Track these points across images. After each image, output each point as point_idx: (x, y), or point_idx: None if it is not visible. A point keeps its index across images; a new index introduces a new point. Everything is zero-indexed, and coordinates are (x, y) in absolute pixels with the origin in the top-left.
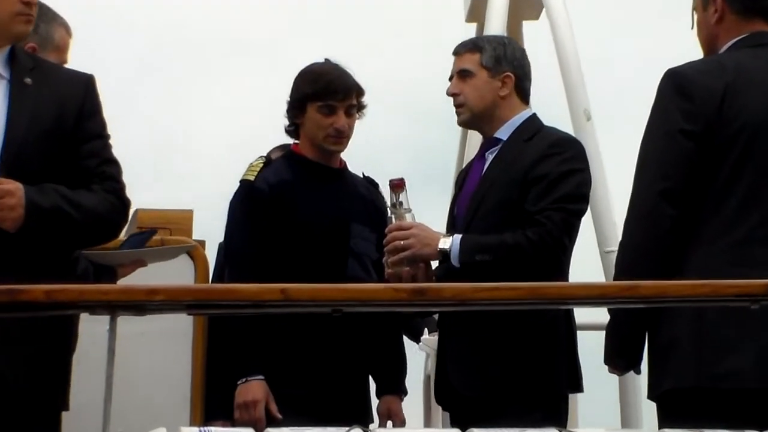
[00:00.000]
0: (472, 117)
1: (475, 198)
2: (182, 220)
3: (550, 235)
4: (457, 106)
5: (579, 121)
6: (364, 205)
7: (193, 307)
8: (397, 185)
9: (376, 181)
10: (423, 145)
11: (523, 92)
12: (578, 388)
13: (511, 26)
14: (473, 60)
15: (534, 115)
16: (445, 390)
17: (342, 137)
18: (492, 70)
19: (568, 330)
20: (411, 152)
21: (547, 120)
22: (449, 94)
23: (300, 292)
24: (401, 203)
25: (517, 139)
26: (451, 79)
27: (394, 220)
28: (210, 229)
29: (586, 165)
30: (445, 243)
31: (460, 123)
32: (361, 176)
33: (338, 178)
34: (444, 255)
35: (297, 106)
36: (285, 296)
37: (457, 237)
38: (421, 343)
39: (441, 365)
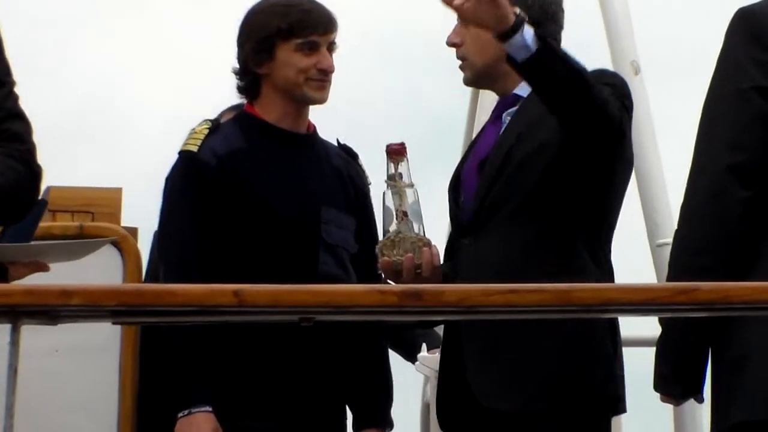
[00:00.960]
0: (475, 76)
1: (492, 163)
2: (108, 201)
3: (616, 108)
4: (460, 59)
5: (625, 75)
6: (340, 182)
7: (120, 313)
8: (397, 151)
9: (355, 150)
10: (424, 106)
11: None
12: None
13: None
14: None
15: None
16: (455, 409)
17: (326, 81)
18: None
19: (611, 331)
20: (409, 115)
21: None
22: (448, 43)
23: (259, 296)
24: (401, 175)
25: None
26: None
27: (391, 197)
28: (144, 213)
29: (631, 104)
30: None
31: (465, 83)
32: (336, 144)
33: (306, 146)
34: (518, 24)
35: (262, 48)
36: (239, 300)
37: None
38: (418, 363)
39: (449, 377)
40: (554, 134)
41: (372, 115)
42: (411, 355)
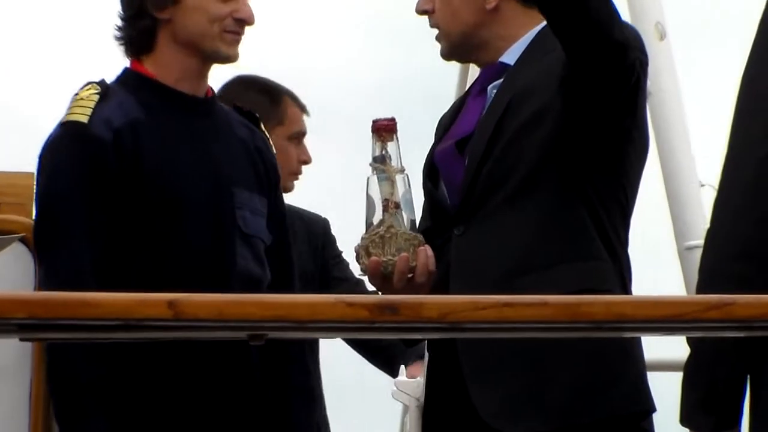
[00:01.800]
0: (451, 47)
1: (479, 140)
2: (17, 189)
3: (633, 57)
4: (434, 28)
5: (649, 40)
6: (247, 156)
7: (30, 328)
8: (386, 128)
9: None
10: (407, 79)
11: None
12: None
13: None
14: None
15: None
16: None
17: (241, 34)
18: None
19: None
20: (388, 90)
21: None
22: (418, 11)
23: (199, 307)
24: (390, 157)
25: (530, 58)
26: None
27: (377, 183)
28: None
29: (647, 61)
30: None
31: (442, 56)
32: (234, 110)
33: (208, 114)
34: None
35: None
36: (175, 313)
37: None
38: (395, 390)
39: (441, 398)
40: (552, 100)
41: (356, 91)
42: (390, 367)
